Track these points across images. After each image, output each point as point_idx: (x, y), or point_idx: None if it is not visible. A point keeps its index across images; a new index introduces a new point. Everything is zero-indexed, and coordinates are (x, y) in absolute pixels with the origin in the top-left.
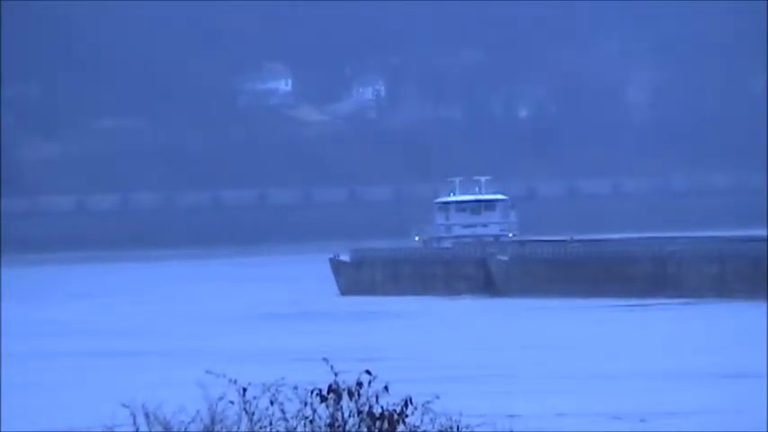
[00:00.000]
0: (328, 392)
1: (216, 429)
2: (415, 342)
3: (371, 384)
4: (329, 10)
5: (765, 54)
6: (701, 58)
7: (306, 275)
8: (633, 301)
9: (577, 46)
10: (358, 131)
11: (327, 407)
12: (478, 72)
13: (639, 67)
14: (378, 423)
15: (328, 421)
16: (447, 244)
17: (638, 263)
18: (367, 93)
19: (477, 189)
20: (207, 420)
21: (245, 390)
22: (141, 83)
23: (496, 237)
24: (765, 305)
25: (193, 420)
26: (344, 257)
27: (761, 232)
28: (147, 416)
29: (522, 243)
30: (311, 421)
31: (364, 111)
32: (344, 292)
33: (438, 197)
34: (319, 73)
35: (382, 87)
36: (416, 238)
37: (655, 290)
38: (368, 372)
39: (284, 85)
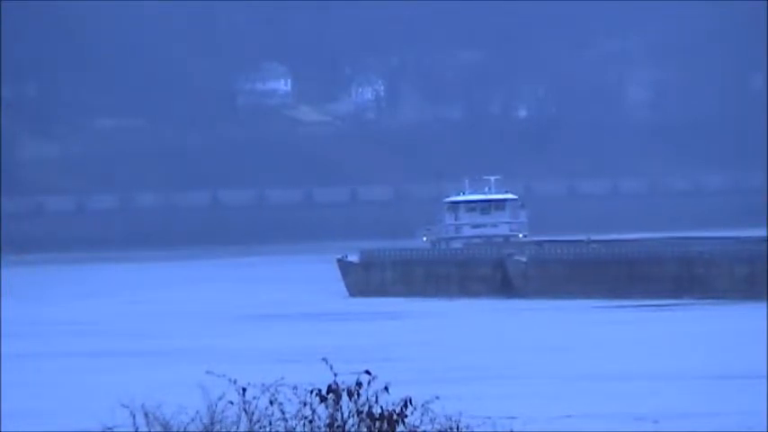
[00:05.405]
0: (328, 393)
1: (215, 429)
2: (426, 343)
3: (372, 385)
4: (329, 10)
5: (765, 53)
6: (700, 58)
7: (312, 276)
8: (656, 303)
9: (577, 46)
10: (357, 131)
11: (327, 407)
12: (477, 72)
13: (638, 66)
14: (377, 423)
15: (327, 421)
16: (457, 244)
17: (662, 263)
18: (366, 93)
19: (486, 188)
20: (206, 420)
21: (244, 390)
22: (141, 83)
23: (506, 237)
24: (766, 306)
25: (193, 420)
26: (353, 258)
27: (761, 232)
28: (146, 416)
29: (540, 244)
30: (310, 421)
31: (363, 111)
32: (353, 293)
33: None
34: (318, 73)
35: (381, 87)
36: (424, 239)
37: (679, 291)
38: (367, 372)
39: (283, 86)
